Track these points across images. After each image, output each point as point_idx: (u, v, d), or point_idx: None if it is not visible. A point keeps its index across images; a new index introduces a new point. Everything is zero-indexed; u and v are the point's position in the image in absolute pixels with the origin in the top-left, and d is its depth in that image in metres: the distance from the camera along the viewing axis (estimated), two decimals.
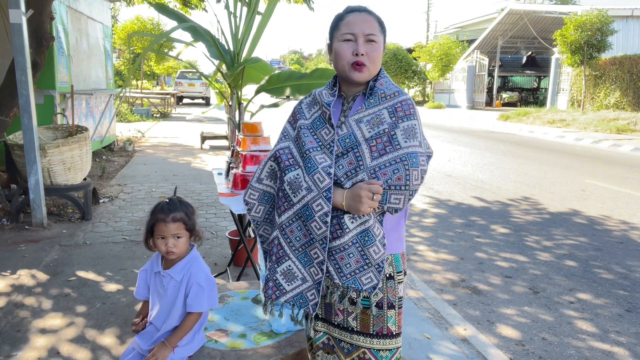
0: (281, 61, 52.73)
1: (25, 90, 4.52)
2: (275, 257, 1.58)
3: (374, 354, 1.55)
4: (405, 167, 1.44)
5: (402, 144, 1.45)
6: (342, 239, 1.48)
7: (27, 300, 3.22)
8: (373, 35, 1.49)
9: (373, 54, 1.50)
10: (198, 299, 1.87)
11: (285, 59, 68.01)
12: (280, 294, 1.58)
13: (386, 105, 1.50)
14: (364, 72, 1.51)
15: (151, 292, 1.99)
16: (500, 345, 2.91)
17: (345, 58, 1.51)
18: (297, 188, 1.51)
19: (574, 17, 16.27)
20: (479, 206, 6.17)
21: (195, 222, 1.93)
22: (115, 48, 20.96)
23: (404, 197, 1.46)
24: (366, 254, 1.49)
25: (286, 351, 2.02)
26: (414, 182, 1.45)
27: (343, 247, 1.49)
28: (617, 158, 10.32)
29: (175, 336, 1.88)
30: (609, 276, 4.00)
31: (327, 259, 1.52)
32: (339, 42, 1.52)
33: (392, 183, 1.44)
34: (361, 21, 1.50)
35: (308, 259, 1.55)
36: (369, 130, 1.48)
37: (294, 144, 1.59)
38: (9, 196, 5.06)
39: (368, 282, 1.50)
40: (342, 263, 1.50)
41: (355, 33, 1.49)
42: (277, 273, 1.58)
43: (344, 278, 1.51)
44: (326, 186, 1.47)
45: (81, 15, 7.96)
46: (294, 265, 1.57)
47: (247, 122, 3.42)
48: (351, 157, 1.48)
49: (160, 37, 5.09)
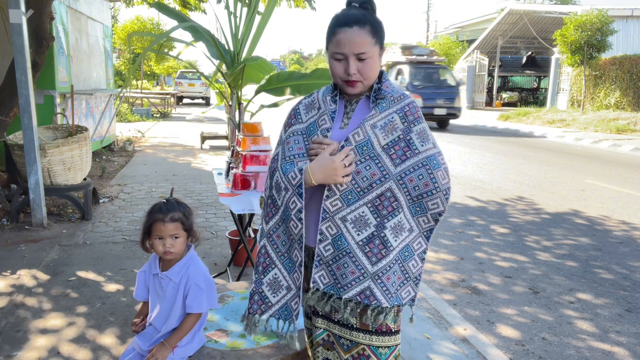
0: (281, 61, 52.74)
1: (25, 90, 4.52)
2: (261, 268, 1.62)
3: (373, 350, 1.56)
4: (428, 172, 1.48)
5: (420, 148, 1.49)
6: (387, 259, 1.49)
7: (27, 300, 3.22)
8: (363, 54, 1.47)
9: (365, 69, 1.49)
10: (197, 300, 1.87)
11: (285, 59, 68.00)
12: (266, 308, 1.62)
13: (395, 108, 1.52)
14: (357, 87, 1.53)
15: (150, 293, 1.99)
16: (500, 345, 2.91)
17: (337, 75, 1.53)
18: (279, 190, 1.56)
19: (574, 17, 16.26)
20: (479, 206, 6.17)
21: (193, 223, 1.93)
22: (115, 48, 20.95)
23: (440, 200, 1.50)
24: (405, 269, 1.53)
25: (286, 351, 2.03)
26: (442, 182, 1.49)
27: (389, 266, 1.50)
28: (617, 158, 10.32)
29: (174, 337, 1.88)
30: (609, 276, 4.00)
31: (371, 280, 1.48)
32: (331, 58, 1.53)
33: (422, 191, 1.49)
34: (351, 41, 1.46)
35: (292, 264, 1.58)
36: (384, 137, 1.49)
37: (281, 148, 1.62)
38: (9, 196, 5.06)
39: (407, 295, 1.55)
40: (389, 283, 1.51)
41: (345, 53, 1.48)
42: (263, 284, 1.61)
43: (391, 299, 1.51)
44: (298, 182, 1.49)
45: (81, 15, 7.96)
46: (279, 273, 1.60)
47: (247, 122, 3.42)
48: (373, 168, 1.48)
49: (160, 37, 5.09)
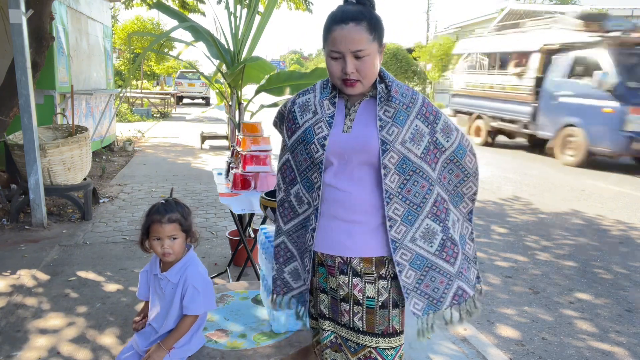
0: (281, 61, 52.75)
1: (25, 90, 4.52)
2: (282, 259, 1.70)
3: (379, 352, 1.56)
4: (457, 165, 1.55)
5: (446, 145, 1.52)
6: (460, 254, 1.57)
7: (27, 300, 3.22)
8: (361, 51, 1.42)
9: (363, 67, 1.44)
10: (193, 302, 1.87)
11: (285, 59, 67.97)
12: (288, 290, 1.71)
13: (414, 113, 1.48)
14: (356, 87, 1.48)
15: (151, 293, 1.99)
16: (500, 345, 2.91)
17: (335, 75, 1.48)
18: (300, 202, 1.62)
19: None
20: (479, 206, 6.17)
21: (192, 223, 1.92)
22: (115, 48, 20.95)
23: (472, 182, 1.59)
24: (465, 254, 1.61)
25: (286, 351, 2.03)
26: (471, 167, 1.57)
27: (463, 259, 1.59)
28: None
29: (170, 338, 1.88)
30: (609, 276, 4.00)
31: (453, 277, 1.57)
32: (328, 57, 1.48)
33: (455, 182, 1.58)
34: (347, 38, 1.41)
35: (304, 265, 1.66)
36: (417, 147, 1.48)
37: (291, 156, 1.63)
38: (9, 196, 5.07)
39: (474, 275, 1.65)
40: (468, 274, 1.61)
41: (342, 51, 1.43)
42: (285, 272, 1.70)
43: (472, 287, 1.62)
44: (316, 205, 1.56)
45: (81, 15, 7.96)
46: (299, 266, 1.68)
47: (247, 122, 3.42)
48: (420, 180, 1.49)
49: (160, 37, 5.09)
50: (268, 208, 2.33)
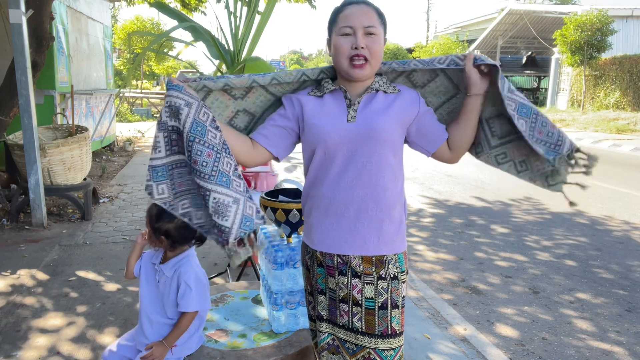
0: (281, 61, 52.71)
1: (25, 90, 4.52)
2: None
3: (378, 353, 1.55)
4: None
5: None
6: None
7: (27, 300, 3.22)
8: (372, 27, 1.45)
9: (374, 46, 1.46)
10: (185, 299, 1.88)
11: (285, 59, 67.94)
12: (228, 235, 1.41)
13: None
14: (364, 69, 1.47)
15: (142, 278, 2.00)
16: (499, 345, 2.91)
17: (344, 53, 1.46)
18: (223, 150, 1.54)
19: (574, 17, 16.27)
20: (479, 206, 6.17)
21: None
22: (115, 48, 20.95)
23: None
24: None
25: (286, 351, 2.03)
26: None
27: None
28: (617, 158, 10.31)
29: (172, 336, 1.89)
30: (609, 276, 4.00)
31: None
32: (338, 36, 1.48)
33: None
34: (359, 13, 1.46)
35: (226, 176, 1.50)
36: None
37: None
38: (9, 196, 5.07)
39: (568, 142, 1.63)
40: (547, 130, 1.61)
41: (354, 26, 1.45)
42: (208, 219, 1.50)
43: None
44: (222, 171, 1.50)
45: (81, 15, 7.96)
46: (218, 195, 1.45)
47: None
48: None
49: (160, 36, 5.08)
50: (268, 208, 2.33)
